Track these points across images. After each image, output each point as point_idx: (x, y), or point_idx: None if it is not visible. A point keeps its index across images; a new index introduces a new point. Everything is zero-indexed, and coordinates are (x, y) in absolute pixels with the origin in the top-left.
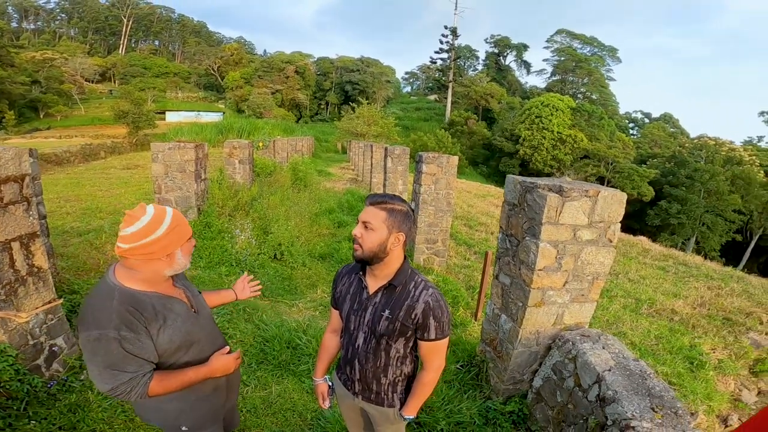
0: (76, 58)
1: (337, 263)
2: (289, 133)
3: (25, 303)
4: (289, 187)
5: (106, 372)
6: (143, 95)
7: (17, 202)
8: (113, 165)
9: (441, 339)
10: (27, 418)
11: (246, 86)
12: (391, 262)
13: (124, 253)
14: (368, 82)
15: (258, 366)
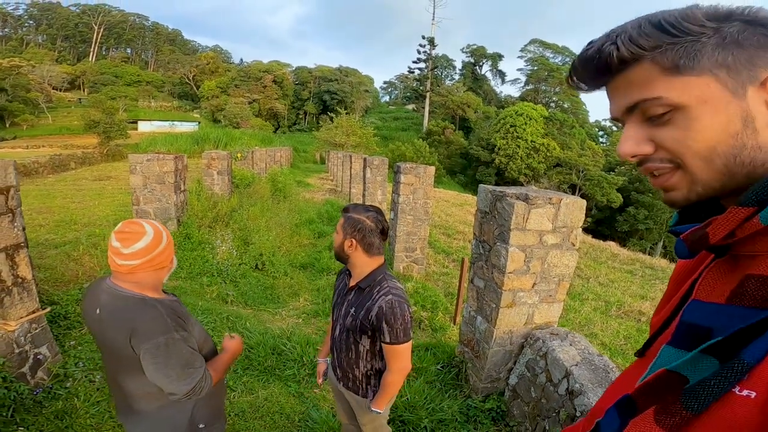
0: (44, 66)
1: (318, 272)
2: (267, 143)
3: (11, 312)
4: (269, 198)
5: (184, 372)
6: (115, 104)
7: (3, 213)
8: (84, 176)
9: (395, 344)
10: (15, 424)
11: (222, 95)
12: (357, 265)
13: (135, 269)
14: (346, 92)
15: (243, 372)
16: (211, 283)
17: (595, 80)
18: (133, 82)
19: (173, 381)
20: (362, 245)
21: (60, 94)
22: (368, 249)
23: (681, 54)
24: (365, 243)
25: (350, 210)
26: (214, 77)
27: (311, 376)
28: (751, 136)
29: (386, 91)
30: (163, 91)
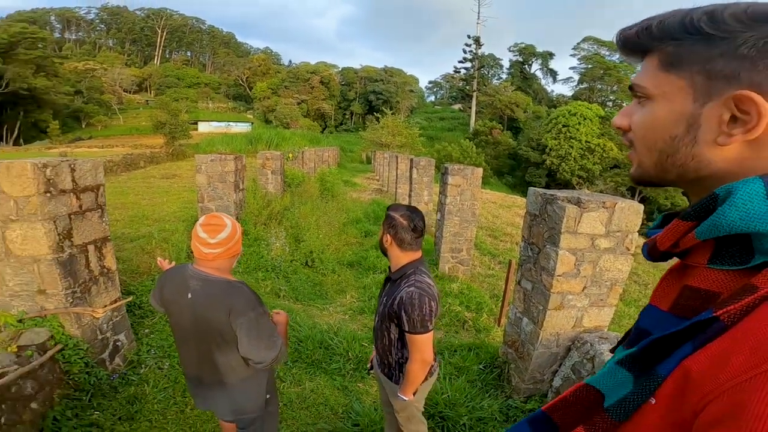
0: (115, 69)
1: (364, 270)
2: (316, 143)
3: (97, 300)
4: (318, 197)
5: (269, 342)
6: (178, 105)
7: (93, 209)
8: (153, 174)
9: (413, 333)
10: (92, 408)
11: (273, 96)
12: (392, 258)
13: (218, 256)
14: (392, 92)
15: (293, 364)
16: (265, 278)
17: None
18: (193, 84)
19: (262, 350)
20: (396, 240)
21: (129, 96)
22: (400, 244)
23: (678, 53)
24: (398, 238)
25: (390, 209)
26: (265, 79)
27: (356, 371)
28: (687, 143)
29: (431, 91)
30: (219, 92)
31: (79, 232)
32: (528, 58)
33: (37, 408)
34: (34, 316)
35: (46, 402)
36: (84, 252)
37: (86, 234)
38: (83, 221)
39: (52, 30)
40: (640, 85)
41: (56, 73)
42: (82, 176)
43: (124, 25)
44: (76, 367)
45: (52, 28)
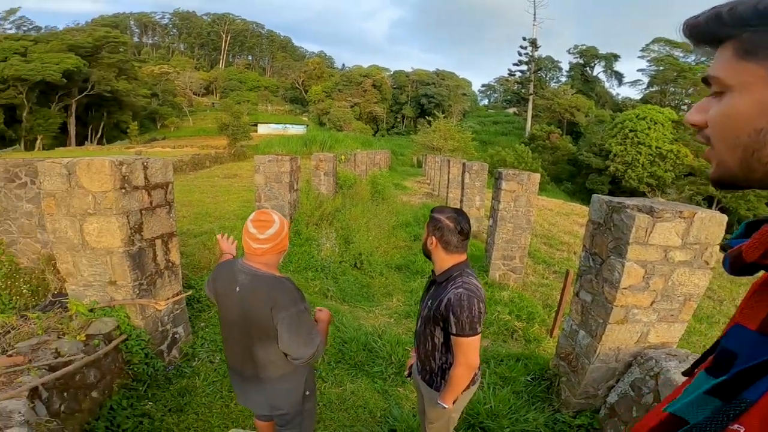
0: (186, 72)
1: (412, 274)
2: (367, 146)
3: (161, 293)
4: (369, 200)
5: (308, 338)
6: (240, 108)
7: (162, 205)
8: (216, 174)
9: (461, 336)
10: (146, 398)
11: (327, 99)
12: (437, 261)
13: (266, 251)
14: (444, 96)
15: (336, 364)
16: (314, 278)
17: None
18: (254, 88)
19: (301, 346)
20: (441, 243)
21: (198, 99)
22: (446, 246)
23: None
24: (443, 241)
25: (435, 211)
26: (319, 82)
27: (397, 375)
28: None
29: (485, 95)
30: (277, 95)
31: (149, 226)
32: (590, 61)
33: (97, 397)
34: (104, 306)
35: (105, 391)
36: (152, 246)
37: (155, 229)
38: (153, 216)
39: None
40: (715, 77)
41: (135, 77)
42: (154, 174)
43: (193, 29)
44: (137, 357)
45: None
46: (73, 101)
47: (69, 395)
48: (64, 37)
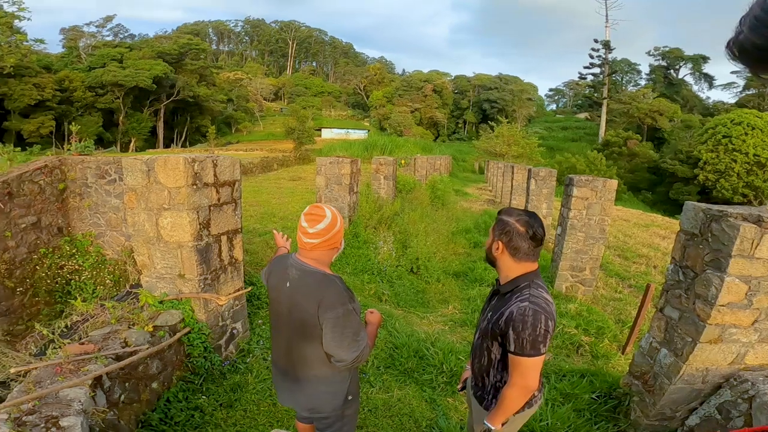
0: (257, 79)
1: (470, 282)
2: (428, 151)
3: (223, 288)
4: (428, 205)
5: (353, 341)
6: (306, 113)
7: (228, 202)
8: (283, 176)
9: (519, 355)
10: (200, 393)
11: (388, 105)
12: (503, 269)
13: (315, 246)
14: (507, 100)
15: (385, 370)
16: (370, 281)
17: None
18: (318, 93)
19: (344, 349)
20: (508, 249)
21: (268, 104)
22: (514, 253)
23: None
24: (511, 246)
25: (503, 213)
26: (380, 87)
27: (448, 384)
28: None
29: (552, 99)
30: (340, 100)
31: (216, 222)
32: (674, 63)
33: (156, 388)
34: (172, 299)
35: (165, 383)
36: (218, 241)
37: (221, 225)
38: (220, 213)
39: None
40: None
41: (214, 82)
42: (222, 172)
43: (263, 36)
44: (197, 350)
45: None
46: (162, 106)
47: (130, 385)
48: (153, 44)
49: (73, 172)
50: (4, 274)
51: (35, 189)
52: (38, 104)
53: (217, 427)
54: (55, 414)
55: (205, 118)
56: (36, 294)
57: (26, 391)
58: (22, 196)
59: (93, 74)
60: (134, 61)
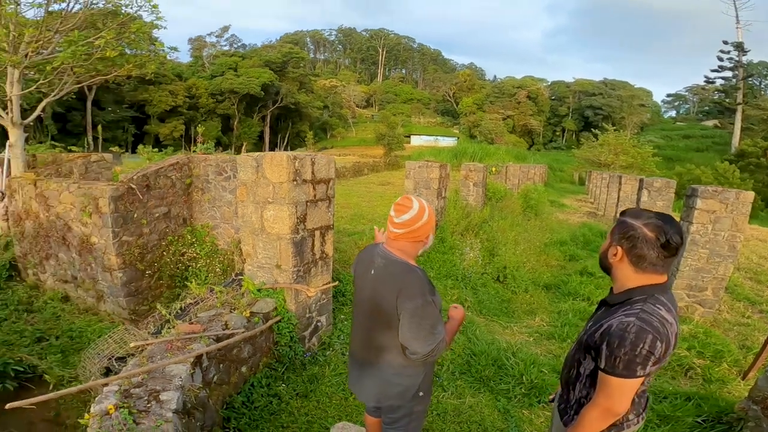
0: (350, 86)
1: (562, 295)
2: (521, 160)
3: (313, 281)
4: (520, 214)
5: (429, 334)
6: (396, 120)
7: (323, 199)
8: (372, 181)
9: (609, 374)
10: (281, 381)
11: (478, 112)
12: (619, 278)
13: (399, 237)
14: (614, 107)
15: (460, 375)
16: (453, 286)
17: None
18: (408, 100)
19: (420, 341)
20: (630, 256)
21: (360, 111)
22: (637, 262)
23: None
24: (634, 254)
25: (628, 214)
26: (470, 94)
27: (525, 396)
28: None
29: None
30: (429, 108)
31: (311, 218)
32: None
33: (245, 372)
34: (269, 288)
35: (253, 368)
36: (312, 236)
37: (315, 220)
38: (315, 209)
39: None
40: None
41: (312, 90)
42: (319, 169)
43: (354, 44)
44: (284, 339)
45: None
46: (268, 112)
47: (224, 367)
48: (261, 53)
49: (197, 169)
50: (137, 257)
51: (168, 183)
52: (172, 110)
53: (291, 415)
54: (158, 388)
55: (304, 124)
56: (161, 277)
57: (139, 365)
58: (158, 188)
59: (214, 82)
60: (246, 69)
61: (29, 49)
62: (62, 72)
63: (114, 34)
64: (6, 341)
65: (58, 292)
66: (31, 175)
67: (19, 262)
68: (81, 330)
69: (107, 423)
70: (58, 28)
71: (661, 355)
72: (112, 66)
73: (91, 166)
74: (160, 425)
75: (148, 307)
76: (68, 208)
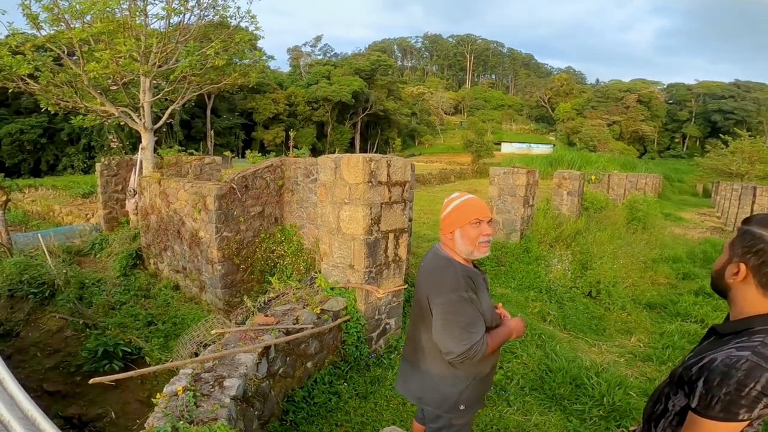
0: (438, 93)
1: (669, 316)
2: (629, 168)
3: (384, 283)
4: (623, 226)
5: (464, 332)
6: (485, 126)
7: (399, 202)
8: (459, 188)
9: (701, 415)
10: (343, 379)
11: (578, 117)
12: (738, 302)
13: (441, 229)
14: (749, 110)
15: (530, 392)
16: (536, 298)
17: None
18: (498, 106)
19: (453, 339)
20: (757, 276)
21: (448, 118)
22: (766, 284)
23: None
24: (763, 274)
25: (755, 222)
26: (568, 99)
27: (603, 419)
28: None
29: None
30: (521, 114)
31: (386, 220)
32: None
33: (310, 367)
34: (341, 287)
35: (318, 364)
36: (385, 238)
37: (390, 222)
38: (390, 211)
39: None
40: None
41: (400, 97)
42: (395, 172)
43: (441, 51)
44: (351, 339)
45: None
46: (359, 119)
47: (290, 360)
48: (351, 61)
49: (288, 172)
50: (234, 251)
51: (263, 184)
52: (274, 117)
53: (347, 414)
54: (224, 374)
55: (393, 131)
56: (252, 272)
57: (215, 351)
58: (254, 189)
59: (310, 90)
60: (338, 77)
61: (157, 59)
62: (183, 80)
63: (221, 44)
64: (122, 323)
65: (171, 280)
66: (157, 174)
67: (144, 252)
68: (183, 317)
69: (173, 403)
70: (178, 39)
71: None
72: (222, 75)
73: (204, 168)
74: (216, 410)
75: (240, 299)
76: (183, 205)
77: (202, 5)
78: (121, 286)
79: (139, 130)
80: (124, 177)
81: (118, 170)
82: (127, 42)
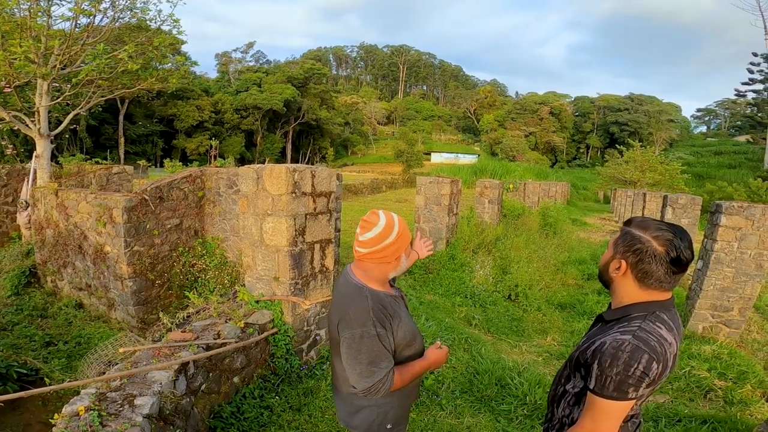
0: (371, 103)
1: (577, 315)
2: (542, 177)
3: (311, 294)
4: (537, 232)
5: (367, 369)
6: (414, 136)
7: (324, 212)
8: (390, 198)
9: (597, 394)
10: (275, 393)
11: (500, 129)
12: (619, 294)
13: (363, 257)
14: (641, 122)
15: (460, 395)
16: (462, 304)
17: None
18: (429, 117)
19: (355, 374)
20: (635, 272)
21: (381, 128)
22: (642, 278)
23: None
24: (640, 270)
25: (634, 224)
26: (491, 110)
27: (527, 418)
28: None
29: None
30: (450, 124)
31: (311, 230)
32: None
33: (237, 382)
34: (267, 300)
35: (245, 378)
36: (311, 249)
37: (315, 233)
38: (315, 222)
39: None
40: None
41: (333, 106)
42: (320, 182)
43: (376, 61)
44: (280, 351)
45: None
46: (290, 128)
47: (213, 376)
48: (284, 69)
49: (210, 182)
50: (148, 267)
51: (180, 195)
52: (198, 125)
53: (281, 428)
54: (135, 393)
55: (325, 141)
56: (170, 287)
57: (124, 369)
58: (170, 200)
59: (239, 97)
60: (269, 85)
61: (57, 62)
62: (89, 83)
63: (136, 47)
64: (15, 344)
65: (73, 299)
66: (53, 185)
67: (39, 269)
68: (89, 336)
69: (74, 424)
70: (85, 41)
71: (656, 376)
72: (136, 79)
73: (112, 178)
74: (126, 429)
75: (156, 316)
76: (85, 218)
77: (117, 7)
78: (13, 306)
79: (33, 137)
80: (15, 188)
81: (9, 180)
82: (24, 43)
